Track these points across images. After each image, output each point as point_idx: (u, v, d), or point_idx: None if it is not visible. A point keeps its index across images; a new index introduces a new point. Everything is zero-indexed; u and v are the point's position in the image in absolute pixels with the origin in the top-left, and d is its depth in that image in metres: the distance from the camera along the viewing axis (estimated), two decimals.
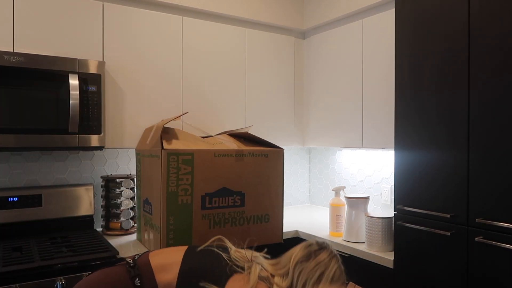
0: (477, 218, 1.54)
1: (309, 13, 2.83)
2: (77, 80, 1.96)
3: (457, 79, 1.62)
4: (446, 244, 1.64)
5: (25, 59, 1.86)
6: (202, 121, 2.46)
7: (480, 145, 1.54)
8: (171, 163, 1.85)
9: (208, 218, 1.95)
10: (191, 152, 1.90)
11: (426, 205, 1.72)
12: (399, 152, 1.84)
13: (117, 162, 2.50)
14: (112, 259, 1.84)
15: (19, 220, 2.13)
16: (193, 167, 1.90)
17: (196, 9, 2.46)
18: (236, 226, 2.03)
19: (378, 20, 2.32)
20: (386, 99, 2.24)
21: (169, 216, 1.86)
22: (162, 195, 1.85)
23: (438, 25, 1.69)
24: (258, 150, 2.09)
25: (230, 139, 2.19)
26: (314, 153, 3.22)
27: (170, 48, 2.35)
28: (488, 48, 1.52)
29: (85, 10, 2.10)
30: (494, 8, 1.50)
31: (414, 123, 1.78)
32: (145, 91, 2.27)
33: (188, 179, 1.89)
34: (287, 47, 2.83)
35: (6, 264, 1.67)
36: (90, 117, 2.01)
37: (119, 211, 2.32)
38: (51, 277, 1.70)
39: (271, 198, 2.14)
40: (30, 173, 2.26)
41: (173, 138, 1.98)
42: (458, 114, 1.61)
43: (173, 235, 1.87)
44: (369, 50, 2.37)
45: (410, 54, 1.80)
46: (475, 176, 1.55)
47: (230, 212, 2.01)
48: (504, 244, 1.45)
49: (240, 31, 2.61)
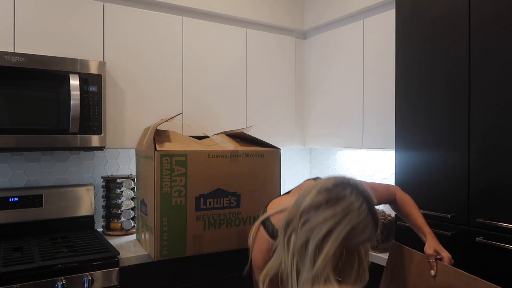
0: (478, 218, 1.53)
1: (309, 13, 2.83)
2: (77, 81, 1.96)
3: (458, 79, 1.62)
4: (447, 244, 1.63)
5: (25, 60, 1.86)
6: (202, 121, 2.45)
7: (481, 146, 1.54)
8: (164, 165, 1.85)
9: (203, 219, 1.95)
10: (184, 153, 1.90)
11: (427, 206, 1.72)
12: (399, 152, 1.83)
13: (118, 163, 2.50)
14: (112, 259, 1.84)
15: (20, 221, 2.13)
16: (186, 168, 1.90)
17: (196, 9, 2.46)
18: (232, 227, 2.03)
19: (379, 20, 2.32)
20: (387, 99, 2.24)
21: (162, 217, 1.86)
22: (156, 197, 1.85)
23: (438, 25, 1.69)
24: (253, 150, 2.08)
25: (227, 139, 2.18)
26: (315, 153, 3.22)
27: (170, 48, 2.35)
28: (489, 48, 1.52)
29: (86, 11, 2.10)
30: (495, 8, 1.50)
31: (414, 124, 1.78)
32: (146, 92, 2.27)
33: (182, 180, 1.89)
34: (287, 48, 2.83)
35: (6, 265, 1.67)
36: (90, 117, 2.01)
37: (119, 211, 2.32)
38: (51, 278, 1.70)
39: (268, 198, 2.13)
40: (30, 173, 2.26)
41: (167, 140, 1.98)
42: (459, 114, 1.61)
43: (167, 237, 1.87)
44: (370, 50, 2.37)
45: (410, 54, 1.80)
46: (475, 177, 1.55)
47: (226, 213, 2.01)
48: (505, 244, 1.45)
49: (240, 31, 2.61)
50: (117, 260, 1.85)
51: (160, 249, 1.86)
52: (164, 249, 1.87)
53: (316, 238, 1.04)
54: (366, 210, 1.06)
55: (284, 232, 1.14)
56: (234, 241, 2.04)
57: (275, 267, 1.16)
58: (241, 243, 2.04)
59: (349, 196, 1.06)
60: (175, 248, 1.89)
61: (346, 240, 1.05)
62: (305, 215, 1.08)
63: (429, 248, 1.32)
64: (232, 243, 2.03)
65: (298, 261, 1.10)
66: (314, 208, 1.07)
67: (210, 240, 1.97)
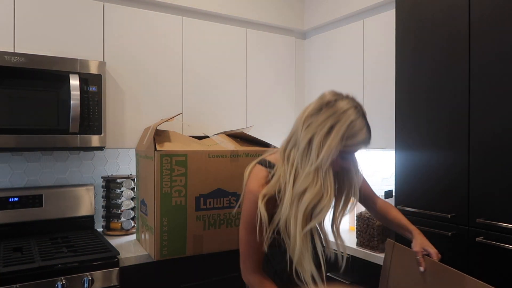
0: (478, 218, 1.53)
1: (309, 13, 2.83)
2: (77, 81, 1.96)
3: (458, 80, 1.62)
4: (447, 244, 1.64)
5: (25, 60, 1.86)
6: (202, 121, 2.45)
7: (481, 146, 1.54)
8: (164, 165, 1.85)
9: (203, 219, 1.95)
10: (184, 153, 1.90)
11: (427, 206, 1.72)
12: (399, 152, 1.83)
13: (118, 163, 2.50)
14: (112, 259, 1.84)
15: (20, 221, 2.13)
16: (186, 168, 1.90)
17: (196, 9, 2.46)
18: (232, 227, 2.03)
19: (379, 20, 2.32)
20: (387, 99, 2.24)
21: (162, 217, 1.86)
22: (156, 197, 1.85)
23: (438, 25, 1.69)
24: (253, 150, 2.08)
25: (227, 139, 2.18)
26: None
27: (170, 48, 2.35)
28: (489, 48, 1.52)
29: (86, 11, 2.10)
30: (495, 9, 1.50)
31: (414, 124, 1.78)
32: (146, 91, 2.27)
33: (182, 180, 1.89)
34: (287, 48, 2.83)
35: (6, 265, 1.67)
36: (90, 117, 2.01)
37: (119, 211, 2.32)
38: (51, 278, 1.69)
39: None
40: (30, 173, 2.26)
41: (167, 140, 1.98)
42: (459, 114, 1.61)
43: (167, 237, 1.87)
44: (370, 50, 2.37)
45: (410, 54, 1.80)
46: (475, 177, 1.55)
47: (226, 213, 2.01)
48: (505, 244, 1.45)
49: (240, 31, 2.61)
50: (117, 260, 1.85)
51: (160, 249, 1.86)
52: (164, 249, 1.87)
53: (321, 133, 1.17)
54: (361, 112, 1.21)
55: (284, 151, 1.27)
56: (234, 241, 2.02)
57: (274, 184, 1.24)
58: None
59: (345, 100, 1.22)
60: (175, 248, 1.89)
61: (346, 140, 1.18)
62: (308, 119, 1.21)
63: (416, 245, 1.35)
64: (232, 243, 2.03)
65: (299, 166, 1.22)
66: (316, 111, 1.21)
67: (210, 240, 1.97)
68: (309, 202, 1.19)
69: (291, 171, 1.22)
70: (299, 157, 1.21)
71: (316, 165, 1.18)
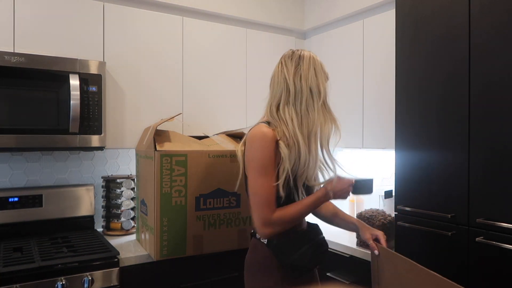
0: (478, 218, 1.53)
1: (309, 13, 2.83)
2: (77, 81, 1.96)
3: (458, 79, 1.62)
4: (447, 244, 1.64)
5: (25, 60, 1.86)
6: (202, 121, 2.45)
7: (481, 146, 1.54)
8: (164, 165, 1.85)
9: (203, 219, 1.95)
10: (184, 153, 1.90)
11: (427, 206, 1.72)
12: (399, 152, 1.83)
13: (118, 163, 2.50)
14: (112, 259, 1.84)
15: (20, 221, 2.13)
16: (186, 168, 1.90)
17: (196, 9, 2.46)
18: (232, 227, 2.03)
19: (379, 20, 2.32)
20: (387, 99, 2.24)
21: (162, 217, 1.86)
22: (156, 197, 1.85)
23: (438, 25, 1.69)
24: None
25: (227, 139, 2.18)
26: None
27: (170, 48, 2.35)
28: (490, 47, 1.52)
29: (86, 11, 2.10)
30: (494, 9, 1.50)
31: (414, 124, 1.77)
32: (146, 92, 2.27)
33: (182, 180, 1.89)
34: (288, 48, 2.80)
35: (6, 265, 1.67)
36: (90, 117, 2.01)
37: (119, 211, 2.32)
38: (51, 278, 1.70)
39: None
40: (30, 173, 2.26)
41: (167, 140, 1.98)
42: (459, 114, 1.61)
43: (167, 237, 1.87)
44: (370, 50, 2.37)
45: (410, 54, 1.80)
46: (475, 176, 1.55)
47: (226, 213, 2.01)
48: (505, 244, 1.45)
49: (240, 31, 2.61)
50: (117, 260, 1.85)
51: (160, 249, 1.86)
52: (164, 249, 1.87)
53: (311, 77, 1.47)
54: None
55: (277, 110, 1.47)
56: (234, 241, 2.04)
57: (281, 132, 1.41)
58: (241, 243, 2.04)
59: (300, 49, 1.53)
60: (175, 248, 1.89)
61: (324, 72, 1.51)
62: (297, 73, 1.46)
63: (366, 233, 1.51)
64: (232, 243, 2.03)
65: (303, 111, 1.44)
66: (296, 65, 1.47)
67: (210, 240, 1.97)
68: (328, 133, 1.45)
69: (294, 119, 1.41)
70: (303, 103, 1.43)
71: (321, 100, 1.46)
